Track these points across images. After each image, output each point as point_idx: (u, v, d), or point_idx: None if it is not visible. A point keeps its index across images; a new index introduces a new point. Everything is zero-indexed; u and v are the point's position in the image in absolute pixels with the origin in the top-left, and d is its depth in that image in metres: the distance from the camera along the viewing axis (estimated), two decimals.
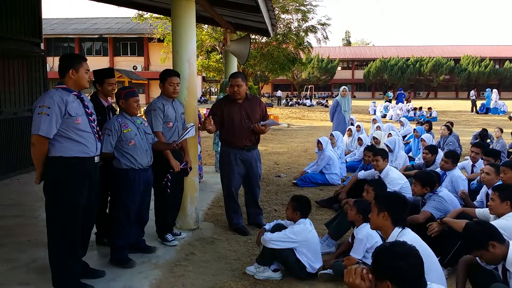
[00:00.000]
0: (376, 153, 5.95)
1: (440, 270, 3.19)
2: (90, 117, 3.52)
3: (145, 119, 4.44)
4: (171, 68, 4.86)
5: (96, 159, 3.59)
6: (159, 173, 4.39)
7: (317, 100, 42.50)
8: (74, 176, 3.40)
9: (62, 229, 3.43)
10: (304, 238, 4.04)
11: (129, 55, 38.28)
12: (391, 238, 3.00)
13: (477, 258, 3.12)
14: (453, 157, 5.86)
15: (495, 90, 27.49)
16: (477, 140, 9.31)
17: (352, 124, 11.29)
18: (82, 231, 3.63)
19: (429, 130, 10.23)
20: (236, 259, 4.50)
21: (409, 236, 2.97)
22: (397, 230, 3.07)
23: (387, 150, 8.41)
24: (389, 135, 9.11)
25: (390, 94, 32.42)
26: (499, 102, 27.11)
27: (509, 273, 2.94)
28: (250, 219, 5.52)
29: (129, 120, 4.05)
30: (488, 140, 10.23)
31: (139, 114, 4.20)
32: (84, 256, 3.79)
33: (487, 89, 28.14)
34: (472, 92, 29.14)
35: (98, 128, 3.63)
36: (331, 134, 9.37)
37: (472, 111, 28.01)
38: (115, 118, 4.05)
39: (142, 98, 32.23)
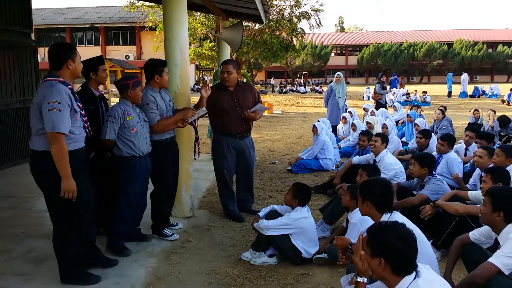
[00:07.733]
0: (376, 135, 5.98)
1: (431, 253, 3.22)
2: (82, 111, 3.46)
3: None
4: (161, 58, 4.75)
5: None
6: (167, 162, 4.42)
7: (311, 87, 42.40)
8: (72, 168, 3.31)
9: (69, 216, 3.38)
10: (299, 225, 4.06)
11: (121, 44, 37.92)
12: None
13: (472, 237, 3.23)
14: (449, 140, 5.90)
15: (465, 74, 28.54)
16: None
17: (346, 111, 11.31)
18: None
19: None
20: (231, 246, 4.53)
21: (399, 220, 2.98)
22: (385, 216, 3.08)
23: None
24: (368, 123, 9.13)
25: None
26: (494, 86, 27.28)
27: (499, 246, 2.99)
28: (240, 206, 5.50)
29: (131, 108, 4.07)
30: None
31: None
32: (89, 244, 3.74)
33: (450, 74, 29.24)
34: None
35: (88, 121, 3.58)
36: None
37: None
38: (117, 105, 4.04)
39: None
